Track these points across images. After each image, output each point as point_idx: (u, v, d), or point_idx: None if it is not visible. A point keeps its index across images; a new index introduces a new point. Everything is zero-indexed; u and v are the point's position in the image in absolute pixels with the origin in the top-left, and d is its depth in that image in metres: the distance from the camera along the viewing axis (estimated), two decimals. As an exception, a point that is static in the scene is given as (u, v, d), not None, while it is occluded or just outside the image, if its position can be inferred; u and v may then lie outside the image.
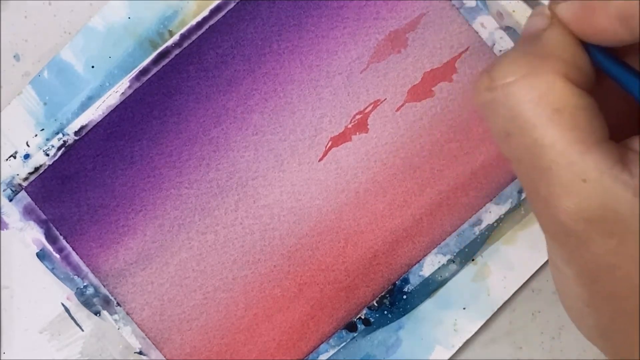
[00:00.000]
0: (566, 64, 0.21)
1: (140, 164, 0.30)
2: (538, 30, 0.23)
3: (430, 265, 0.30)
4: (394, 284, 0.30)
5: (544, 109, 0.21)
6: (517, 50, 0.22)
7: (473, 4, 0.30)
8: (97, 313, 0.30)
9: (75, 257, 0.30)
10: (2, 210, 0.30)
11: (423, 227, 0.30)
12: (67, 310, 0.31)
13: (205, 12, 0.30)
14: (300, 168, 0.30)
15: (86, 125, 0.30)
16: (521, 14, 0.30)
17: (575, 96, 0.21)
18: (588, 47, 0.22)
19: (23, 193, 0.30)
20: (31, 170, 0.30)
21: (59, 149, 0.30)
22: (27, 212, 0.30)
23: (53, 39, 0.31)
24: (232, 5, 0.30)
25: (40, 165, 0.30)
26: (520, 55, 0.22)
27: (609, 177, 0.20)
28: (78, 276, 0.30)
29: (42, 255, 0.30)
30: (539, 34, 0.23)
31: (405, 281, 0.30)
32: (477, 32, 0.30)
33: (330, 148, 0.30)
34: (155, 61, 0.30)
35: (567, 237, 0.22)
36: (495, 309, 0.30)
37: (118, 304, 0.30)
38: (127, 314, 0.30)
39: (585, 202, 0.20)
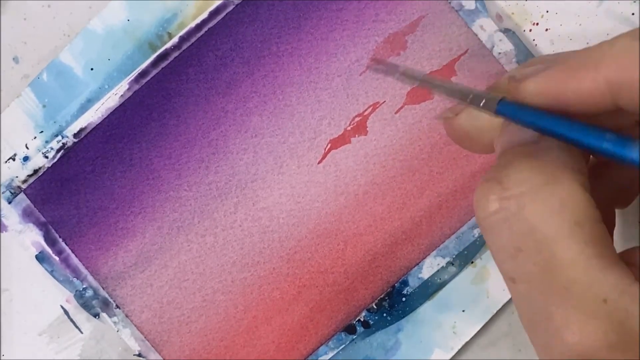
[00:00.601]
0: (581, 172, 0.20)
1: (139, 166, 0.30)
2: (532, 139, 0.21)
3: (429, 267, 0.30)
4: (393, 287, 0.30)
5: (565, 222, 0.19)
6: (528, 156, 0.20)
7: (472, 6, 0.30)
8: (96, 315, 0.30)
9: (74, 259, 0.30)
10: (1, 213, 0.30)
11: (422, 230, 0.30)
12: (66, 312, 0.31)
13: (204, 15, 0.30)
14: (299, 170, 0.30)
15: (85, 128, 0.30)
16: (520, 16, 0.30)
17: (594, 208, 0.19)
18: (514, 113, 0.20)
19: (22, 195, 0.30)
20: (30, 172, 0.30)
21: (58, 151, 0.30)
22: (26, 215, 0.30)
23: (52, 41, 0.31)
24: (231, 7, 0.30)
25: (40, 168, 0.30)
26: (533, 163, 0.20)
27: (629, 296, 0.19)
28: (77, 278, 0.30)
29: (41, 258, 0.30)
30: (535, 141, 0.21)
31: (405, 284, 0.30)
32: (476, 35, 0.30)
33: (329, 150, 0.30)
34: (155, 64, 0.30)
35: None
36: (495, 312, 0.30)
37: (117, 307, 0.30)
38: (126, 316, 0.30)
39: (608, 325, 0.18)
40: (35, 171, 0.30)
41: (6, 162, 0.30)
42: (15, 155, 0.30)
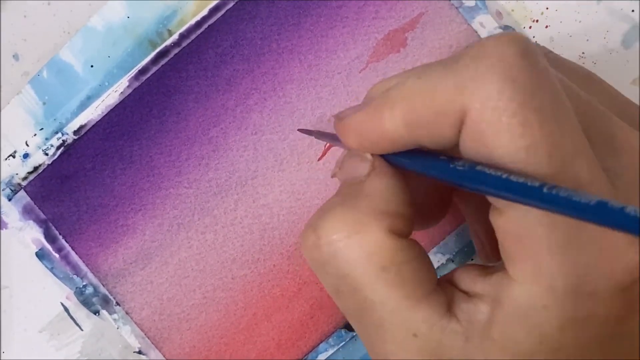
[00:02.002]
0: (390, 216, 0.21)
1: (139, 163, 0.30)
2: (360, 177, 0.22)
3: (429, 264, 0.30)
4: (393, 284, 0.30)
5: (372, 268, 0.21)
6: (343, 204, 0.22)
7: (472, 3, 0.30)
8: (96, 312, 0.30)
9: (74, 256, 0.30)
10: (1, 210, 0.30)
11: (422, 227, 0.30)
12: (66, 309, 0.31)
13: (204, 12, 0.30)
14: (299, 167, 0.30)
15: (85, 125, 0.30)
16: (520, 13, 0.30)
17: (401, 251, 0.21)
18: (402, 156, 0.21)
19: (22, 192, 0.30)
20: (30, 169, 0.30)
21: (58, 148, 0.30)
22: (27, 212, 0.30)
23: (52, 38, 0.31)
24: (231, 4, 0.30)
25: (40, 165, 0.30)
26: (345, 210, 0.21)
27: (439, 328, 0.20)
28: (77, 276, 0.30)
29: (41, 255, 0.30)
30: (361, 180, 0.22)
31: (405, 280, 0.30)
32: (476, 32, 0.30)
33: (329, 147, 0.30)
34: (155, 61, 0.30)
35: None
36: (495, 308, 0.30)
37: (117, 304, 0.30)
38: (127, 313, 0.30)
39: (418, 356, 0.20)
40: (36, 168, 0.30)
41: (6, 159, 0.30)
42: (15, 152, 0.31)
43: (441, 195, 0.26)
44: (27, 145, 0.31)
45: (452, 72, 0.19)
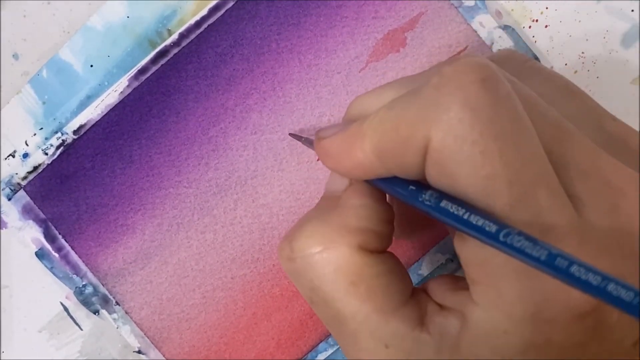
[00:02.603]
0: (362, 233, 0.21)
1: (139, 163, 0.30)
2: (337, 192, 0.23)
3: (429, 264, 0.30)
4: (393, 283, 0.30)
5: (341, 283, 0.21)
6: (317, 218, 0.22)
7: (472, 3, 0.30)
8: (96, 312, 0.30)
9: (74, 256, 0.30)
10: (1, 210, 0.30)
11: (422, 226, 0.30)
12: (66, 309, 0.31)
13: (204, 11, 0.30)
14: (299, 167, 0.30)
15: (85, 125, 0.30)
16: (520, 13, 0.30)
17: (370, 266, 0.21)
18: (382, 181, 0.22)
19: (22, 192, 0.30)
20: (30, 169, 0.30)
21: (57, 148, 0.30)
22: (26, 211, 0.30)
23: (52, 38, 0.31)
24: (230, 4, 0.30)
25: (39, 165, 0.30)
26: (318, 226, 0.22)
27: (409, 340, 0.21)
28: (77, 275, 0.30)
29: (41, 255, 0.30)
30: (339, 195, 0.23)
31: (404, 280, 0.30)
32: (475, 31, 0.30)
33: (329, 147, 0.30)
34: (154, 60, 0.30)
35: None
36: (494, 308, 0.30)
37: (117, 303, 0.30)
38: (126, 313, 0.30)
39: None
40: (35, 168, 0.30)
41: (6, 158, 0.30)
42: (15, 152, 0.31)
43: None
44: (27, 144, 0.31)
45: (415, 101, 0.20)
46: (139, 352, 0.30)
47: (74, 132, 0.30)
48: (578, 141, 0.21)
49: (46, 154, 0.30)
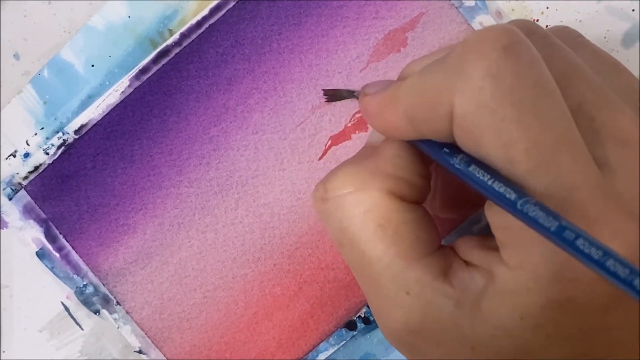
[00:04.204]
0: (394, 179, 0.22)
1: (140, 162, 0.30)
2: (378, 141, 0.24)
3: (430, 263, 0.30)
4: (394, 283, 0.30)
5: (369, 224, 0.22)
6: (353, 163, 0.23)
7: (472, 3, 0.30)
8: (96, 312, 0.30)
9: (74, 256, 0.30)
10: (1, 209, 0.30)
11: (423, 226, 0.30)
12: (66, 309, 0.31)
13: (205, 11, 0.30)
14: (300, 167, 0.30)
15: (86, 124, 0.30)
16: (520, 13, 0.30)
17: (400, 212, 0.22)
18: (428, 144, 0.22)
19: (23, 192, 0.30)
20: (31, 169, 0.30)
21: (58, 147, 0.30)
22: (27, 211, 0.30)
23: (53, 38, 0.31)
24: (232, 4, 0.30)
25: (40, 164, 0.30)
26: (353, 168, 0.22)
27: (431, 290, 0.21)
28: (78, 275, 0.30)
29: (41, 254, 0.30)
30: (378, 145, 0.23)
31: (405, 280, 0.30)
32: (476, 31, 0.30)
33: (330, 147, 0.30)
34: (155, 60, 0.30)
35: (399, 344, 0.23)
36: (495, 308, 0.31)
37: (118, 303, 0.30)
38: (127, 312, 0.30)
39: (409, 314, 0.21)
40: (36, 168, 0.30)
41: (7, 158, 0.30)
42: (15, 151, 0.30)
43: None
44: (28, 144, 0.31)
45: (441, 69, 0.20)
46: (140, 352, 0.30)
47: (75, 132, 0.30)
48: (620, 110, 0.21)
49: (47, 153, 0.30)
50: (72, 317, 0.31)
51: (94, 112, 0.30)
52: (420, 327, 0.21)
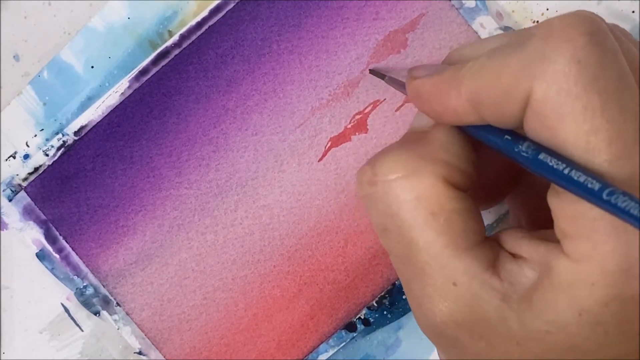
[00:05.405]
0: (448, 166, 0.21)
1: (139, 164, 0.30)
2: (426, 126, 0.23)
3: (429, 265, 0.30)
4: (394, 284, 0.30)
5: (421, 211, 0.21)
6: (403, 147, 0.22)
7: (473, 4, 0.30)
8: (96, 313, 0.30)
9: (74, 257, 0.30)
10: (1, 211, 0.30)
11: (422, 228, 0.30)
12: (66, 310, 0.31)
13: (205, 13, 0.30)
14: (299, 168, 0.30)
15: (86, 126, 0.30)
16: (521, 14, 0.30)
17: (452, 200, 0.21)
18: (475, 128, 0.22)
19: (22, 193, 0.30)
20: (31, 170, 0.30)
21: (58, 149, 0.30)
22: (27, 212, 0.30)
23: (53, 39, 0.31)
24: (231, 5, 0.30)
25: (40, 166, 0.30)
26: (404, 153, 0.22)
27: (478, 282, 0.21)
28: (78, 276, 0.30)
29: (41, 256, 0.30)
30: (426, 130, 0.23)
31: (405, 281, 0.30)
32: (476, 33, 0.30)
33: (329, 148, 0.30)
34: (155, 61, 0.30)
35: (439, 337, 0.22)
36: (495, 309, 0.30)
37: (118, 304, 0.30)
38: (127, 314, 0.30)
39: (454, 305, 0.21)
40: (36, 169, 0.30)
41: (7, 160, 0.31)
42: (15, 153, 0.31)
43: (509, 168, 0.26)
44: (28, 145, 0.31)
45: (520, 52, 0.20)
46: (140, 353, 0.30)
47: (75, 133, 0.30)
48: None
49: (47, 155, 0.30)
50: (72, 318, 0.31)
51: (93, 114, 0.30)
52: (464, 320, 0.21)
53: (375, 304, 0.30)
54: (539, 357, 0.20)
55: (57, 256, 0.30)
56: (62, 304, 0.31)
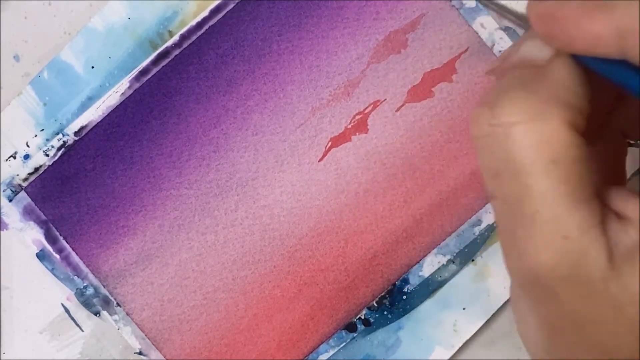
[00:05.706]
0: (571, 108, 0.20)
1: (140, 164, 0.30)
2: (539, 60, 0.21)
3: (430, 265, 0.30)
4: (394, 285, 0.30)
5: (542, 158, 0.20)
6: (521, 87, 0.21)
7: (473, 4, 0.30)
8: (97, 313, 0.30)
9: (75, 257, 0.30)
10: (2, 211, 0.30)
11: (423, 228, 0.30)
12: (67, 310, 0.31)
13: (205, 13, 0.30)
14: (300, 168, 0.30)
15: (86, 126, 0.30)
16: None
17: (574, 147, 0.20)
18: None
19: (23, 193, 0.30)
20: (31, 170, 0.30)
21: (58, 149, 0.30)
22: (27, 213, 0.30)
23: (53, 39, 0.31)
24: (232, 5, 0.30)
25: (40, 166, 0.30)
26: (523, 94, 0.20)
27: (589, 237, 0.20)
28: (78, 276, 0.30)
29: (42, 256, 0.30)
30: (543, 65, 0.21)
31: (405, 281, 0.30)
32: (476, 33, 0.30)
33: (330, 148, 0.30)
34: (155, 62, 0.30)
35: (535, 288, 0.21)
36: (495, 310, 0.30)
37: (118, 305, 0.30)
38: (127, 314, 0.30)
39: (562, 259, 0.20)
40: (36, 169, 0.30)
41: (7, 160, 0.31)
42: (16, 153, 0.31)
43: (602, 108, 0.24)
44: (28, 146, 0.31)
45: None
46: (140, 353, 0.30)
47: (75, 134, 0.30)
48: None
49: (47, 155, 0.30)
50: (72, 318, 0.31)
51: (93, 114, 0.30)
52: (568, 275, 0.20)
53: (375, 304, 0.30)
54: (634, 324, 0.19)
55: (58, 256, 0.30)
56: (63, 304, 0.31)
